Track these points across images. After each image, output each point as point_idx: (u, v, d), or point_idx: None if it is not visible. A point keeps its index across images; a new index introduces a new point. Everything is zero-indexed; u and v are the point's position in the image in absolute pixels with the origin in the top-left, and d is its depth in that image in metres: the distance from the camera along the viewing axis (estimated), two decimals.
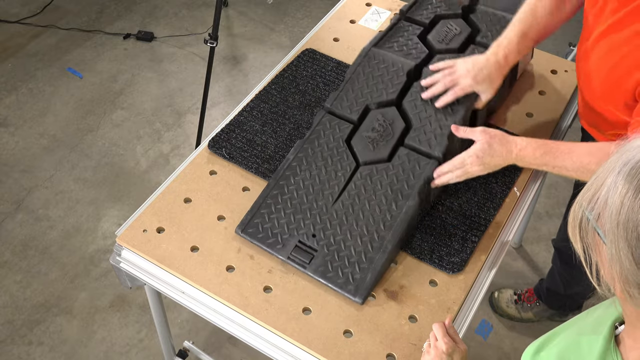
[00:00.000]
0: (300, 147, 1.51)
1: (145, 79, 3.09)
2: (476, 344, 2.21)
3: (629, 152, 0.74)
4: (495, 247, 1.46)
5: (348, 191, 1.44)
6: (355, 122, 1.53)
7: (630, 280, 0.73)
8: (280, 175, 1.48)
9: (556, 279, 2.09)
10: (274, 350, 1.31)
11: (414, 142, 1.48)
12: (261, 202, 1.45)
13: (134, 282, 1.47)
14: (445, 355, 1.14)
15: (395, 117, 1.52)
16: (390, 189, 1.43)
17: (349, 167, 1.47)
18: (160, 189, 1.55)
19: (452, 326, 1.21)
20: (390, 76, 1.58)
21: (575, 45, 3.06)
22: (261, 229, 1.42)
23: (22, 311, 2.28)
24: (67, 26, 3.31)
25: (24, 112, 2.91)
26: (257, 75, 3.12)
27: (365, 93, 1.56)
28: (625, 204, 0.71)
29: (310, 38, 1.91)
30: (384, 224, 1.39)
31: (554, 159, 1.34)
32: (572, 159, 1.32)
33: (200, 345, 2.18)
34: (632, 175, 0.71)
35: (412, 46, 1.65)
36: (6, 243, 2.45)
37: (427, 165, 1.44)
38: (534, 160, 1.35)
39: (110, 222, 2.53)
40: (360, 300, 1.33)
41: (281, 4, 3.51)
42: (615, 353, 0.85)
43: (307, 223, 1.41)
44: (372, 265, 1.35)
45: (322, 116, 1.55)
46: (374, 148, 1.48)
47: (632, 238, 0.71)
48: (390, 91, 1.56)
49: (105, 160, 2.74)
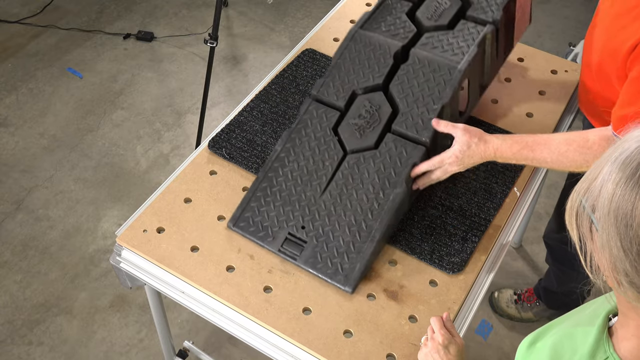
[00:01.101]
0: (287, 138, 1.50)
1: (145, 79, 3.09)
2: (476, 344, 2.20)
3: (626, 143, 0.75)
4: (495, 247, 1.46)
5: (335, 181, 1.44)
6: (342, 109, 1.51)
7: (619, 268, 0.74)
8: (269, 167, 1.48)
9: (550, 276, 2.10)
10: (274, 350, 1.31)
11: (401, 127, 1.46)
12: (251, 195, 1.46)
13: (134, 282, 1.47)
14: (442, 346, 1.16)
15: (382, 102, 1.50)
16: (377, 177, 1.42)
17: (336, 157, 1.46)
18: (160, 189, 1.55)
19: (450, 320, 1.22)
20: (376, 59, 1.54)
21: (575, 45, 3.07)
22: (252, 223, 1.43)
23: (22, 311, 2.28)
24: (67, 26, 3.31)
25: (24, 112, 2.91)
26: (257, 75, 3.12)
27: (352, 78, 1.53)
28: (617, 192, 0.73)
29: (310, 38, 1.91)
30: (371, 213, 1.39)
31: (532, 152, 1.35)
32: (550, 149, 1.33)
33: (200, 345, 2.18)
34: (625, 164, 0.73)
35: (400, 25, 1.59)
36: (6, 243, 2.45)
37: (414, 151, 1.43)
38: (513, 156, 1.36)
39: (110, 222, 2.53)
40: (350, 289, 1.35)
41: (281, 4, 3.51)
42: (608, 343, 0.86)
43: (296, 215, 1.42)
44: (360, 255, 1.36)
45: (308, 104, 1.53)
46: (360, 135, 1.47)
47: (622, 225, 0.72)
48: (376, 75, 1.52)
49: (105, 160, 2.74)
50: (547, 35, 3.34)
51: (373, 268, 1.40)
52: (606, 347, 0.85)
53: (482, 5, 1.59)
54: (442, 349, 1.15)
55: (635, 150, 0.73)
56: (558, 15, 3.47)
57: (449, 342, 1.16)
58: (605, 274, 0.77)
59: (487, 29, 1.53)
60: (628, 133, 0.77)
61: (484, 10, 1.56)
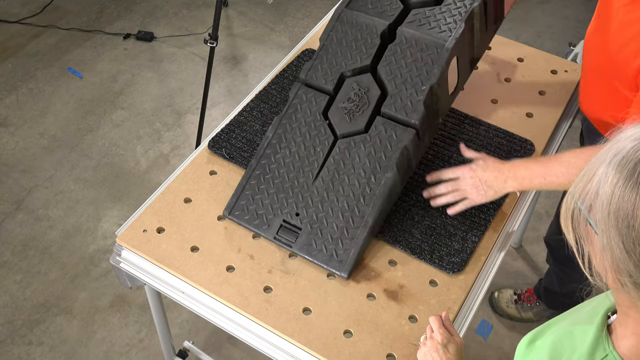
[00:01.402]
0: (278, 123, 1.50)
1: (145, 79, 3.09)
2: (476, 344, 2.21)
3: (620, 143, 0.75)
4: (495, 247, 1.46)
5: (327, 167, 1.44)
6: (331, 93, 1.50)
7: (622, 269, 0.74)
8: (261, 154, 1.48)
9: (551, 277, 2.10)
10: (274, 350, 1.31)
11: (390, 110, 1.44)
12: (245, 183, 1.47)
13: (134, 282, 1.47)
14: (441, 345, 1.16)
15: (371, 84, 1.48)
16: (368, 161, 1.42)
17: (327, 142, 1.46)
18: (160, 189, 1.55)
19: (449, 319, 1.23)
20: (363, 40, 1.52)
21: (575, 45, 3.07)
22: (247, 211, 1.44)
23: (22, 311, 2.28)
24: (67, 26, 3.31)
25: (24, 112, 2.91)
26: (257, 75, 3.12)
27: (340, 60, 1.51)
28: (616, 193, 0.72)
29: (310, 38, 1.91)
30: (364, 198, 1.40)
31: (546, 166, 1.36)
32: (560, 161, 1.34)
33: (200, 345, 2.18)
34: (622, 165, 0.72)
35: (386, 1, 1.56)
36: (6, 243, 2.45)
37: (404, 133, 1.42)
38: (526, 171, 1.37)
39: (110, 222, 2.53)
40: (345, 274, 1.36)
41: (281, 4, 3.51)
42: (607, 341, 0.86)
43: (290, 202, 1.43)
44: (354, 241, 1.38)
45: (297, 88, 1.52)
46: (350, 119, 1.46)
47: (623, 227, 0.72)
48: (364, 56, 1.50)
49: (105, 160, 2.74)
50: (547, 35, 3.34)
51: (373, 268, 1.40)
52: (605, 345, 0.86)
53: None
54: (441, 348, 1.16)
55: (631, 150, 0.73)
56: (558, 15, 3.47)
57: (448, 341, 1.17)
58: (607, 275, 0.77)
59: (474, 3, 1.50)
60: (620, 133, 0.76)
61: None
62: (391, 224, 1.47)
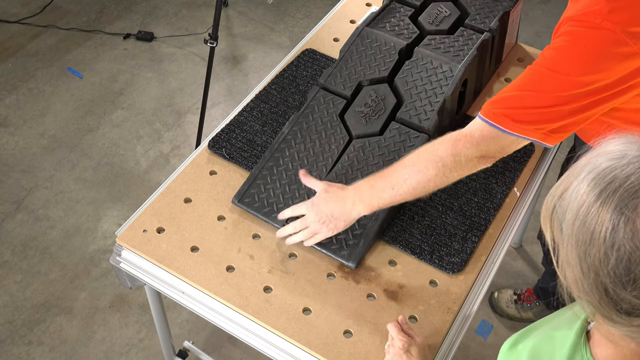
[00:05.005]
0: (295, 121, 1.56)
1: (145, 79, 3.09)
2: (476, 344, 2.21)
3: (598, 158, 0.73)
4: (495, 247, 1.46)
5: (341, 163, 1.49)
6: (348, 98, 1.58)
7: (579, 286, 0.74)
8: (276, 147, 1.52)
9: (547, 278, 2.10)
10: (274, 350, 1.31)
11: (405, 116, 1.54)
12: (257, 173, 1.50)
13: (134, 282, 1.47)
14: (402, 351, 1.17)
15: (387, 93, 1.58)
16: (382, 161, 1.48)
17: (342, 140, 1.52)
18: (160, 189, 1.55)
19: (407, 322, 1.24)
20: (382, 54, 1.64)
21: None
22: (257, 199, 1.47)
23: (22, 311, 2.28)
24: (67, 26, 3.31)
25: (24, 112, 2.91)
26: (257, 75, 3.12)
27: (358, 70, 1.62)
28: (580, 214, 0.71)
29: (310, 38, 1.91)
30: None
31: (390, 175, 1.27)
32: (403, 164, 1.26)
33: (200, 345, 2.18)
34: (593, 185, 0.71)
35: (403, 27, 1.71)
36: (6, 243, 2.45)
37: (417, 138, 1.50)
38: (371, 190, 1.28)
39: (110, 222, 2.53)
40: (353, 264, 1.38)
41: (281, 4, 3.51)
42: (585, 348, 0.86)
43: (301, 192, 1.46)
44: (365, 232, 1.40)
45: (316, 92, 1.60)
46: (366, 122, 1.54)
47: (581, 252, 0.71)
48: (382, 68, 1.62)
49: (105, 160, 2.74)
50: (547, 35, 3.34)
51: (373, 268, 1.40)
52: (583, 352, 0.85)
53: (480, 15, 1.71)
54: (404, 353, 1.17)
55: (603, 171, 0.71)
56: (558, 15, 3.45)
57: (410, 345, 1.18)
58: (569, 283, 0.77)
59: (485, 35, 1.65)
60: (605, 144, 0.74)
61: (481, 20, 1.69)
62: (391, 223, 1.47)
